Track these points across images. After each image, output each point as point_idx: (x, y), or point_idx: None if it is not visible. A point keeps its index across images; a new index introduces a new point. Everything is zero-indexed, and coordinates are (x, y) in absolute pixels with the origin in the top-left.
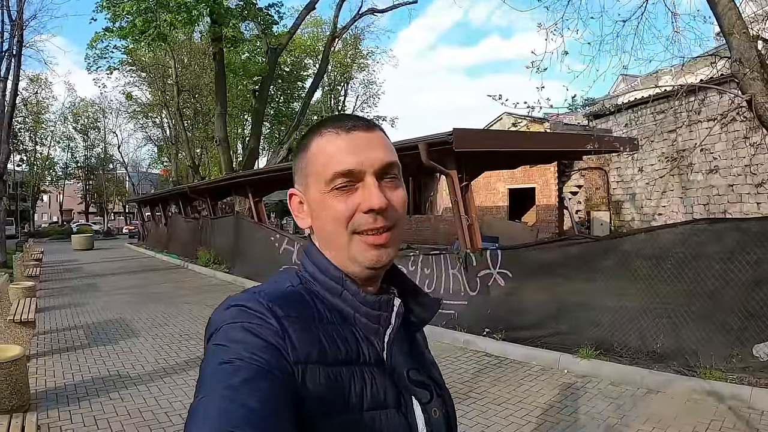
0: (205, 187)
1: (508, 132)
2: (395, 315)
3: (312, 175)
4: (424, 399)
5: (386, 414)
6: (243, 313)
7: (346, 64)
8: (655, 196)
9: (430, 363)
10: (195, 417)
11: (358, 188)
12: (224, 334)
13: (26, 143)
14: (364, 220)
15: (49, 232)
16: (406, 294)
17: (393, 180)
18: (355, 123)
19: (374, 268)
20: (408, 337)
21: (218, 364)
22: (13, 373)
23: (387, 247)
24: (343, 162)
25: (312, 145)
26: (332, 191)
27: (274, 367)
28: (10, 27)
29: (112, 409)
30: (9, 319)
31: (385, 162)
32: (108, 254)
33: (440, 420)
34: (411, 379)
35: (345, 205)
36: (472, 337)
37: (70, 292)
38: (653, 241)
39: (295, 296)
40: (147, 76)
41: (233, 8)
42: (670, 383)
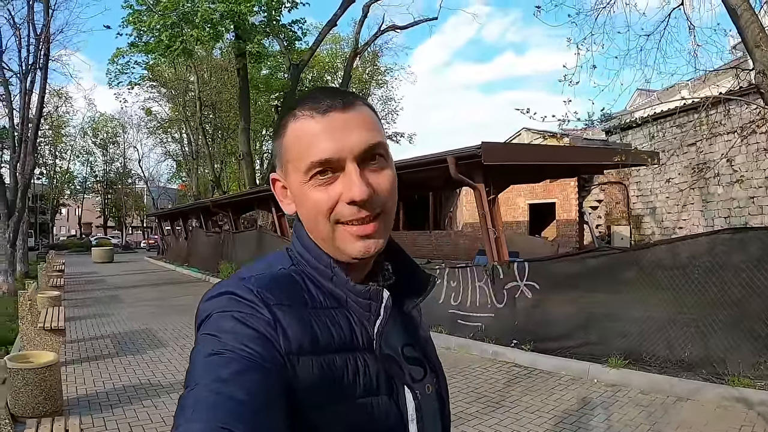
0: (228, 201)
1: (534, 145)
2: (384, 308)
3: (290, 163)
4: (417, 376)
5: (378, 401)
6: (233, 301)
7: (365, 80)
8: (675, 209)
9: (425, 340)
10: (184, 410)
11: (339, 176)
12: (214, 324)
13: (46, 156)
14: (348, 211)
15: (68, 245)
16: (401, 268)
17: (378, 161)
18: (331, 102)
19: (362, 259)
20: (403, 313)
21: (208, 355)
22: (47, 378)
23: (376, 236)
24: (319, 150)
25: (287, 130)
26: (311, 180)
27: (264, 359)
28: (36, 41)
29: (146, 416)
30: (39, 326)
31: (366, 145)
32: (128, 267)
33: (432, 395)
34: (405, 355)
35: (326, 195)
36: (500, 348)
37: (94, 303)
38: (678, 251)
39: (286, 280)
40: (167, 92)
41: (257, 24)
42: (699, 391)
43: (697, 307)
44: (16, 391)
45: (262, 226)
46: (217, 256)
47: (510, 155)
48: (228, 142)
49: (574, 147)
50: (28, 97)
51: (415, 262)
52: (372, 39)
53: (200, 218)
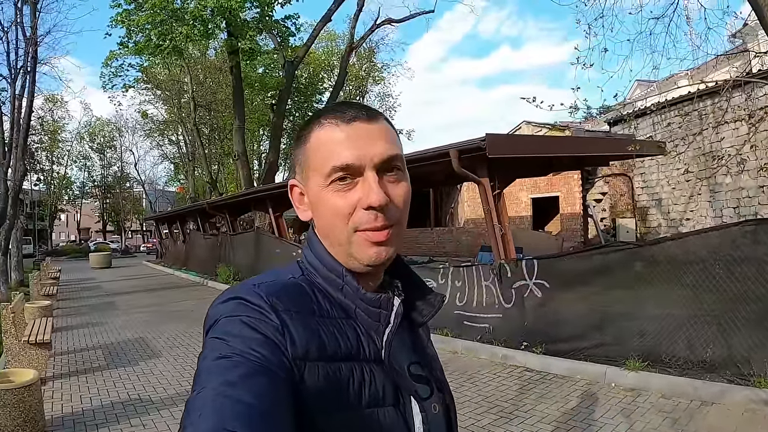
0: (224, 203)
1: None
2: (394, 315)
3: (311, 169)
4: (424, 394)
5: (384, 412)
6: (242, 306)
7: (361, 77)
8: (682, 200)
9: (432, 357)
10: (191, 412)
11: (358, 183)
12: (222, 328)
13: (43, 163)
14: (365, 218)
15: (66, 250)
16: (409, 287)
17: (396, 174)
18: (356, 113)
19: (373, 266)
20: (410, 331)
21: (216, 359)
22: (26, 399)
23: (387, 244)
24: (342, 156)
25: (311, 136)
26: (331, 185)
27: (272, 364)
28: (24, 44)
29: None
30: (24, 340)
31: (386, 155)
32: (126, 272)
33: (440, 415)
34: (412, 373)
35: (344, 200)
36: (510, 352)
37: (89, 310)
38: (697, 244)
39: (295, 289)
40: (162, 94)
41: (250, 20)
42: (724, 394)
43: (717, 304)
44: None
45: (259, 228)
46: (215, 259)
47: (515, 147)
48: (225, 142)
49: (580, 138)
50: (17, 101)
51: (423, 281)
52: (368, 33)
53: (197, 221)
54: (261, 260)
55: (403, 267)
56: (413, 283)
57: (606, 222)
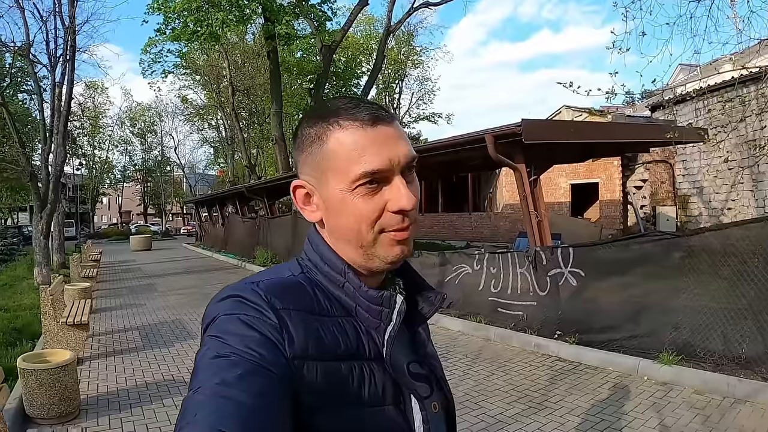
0: (262, 187)
1: (579, 122)
2: (397, 312)
3: (332, 171)
4: (424, 393)
5: (384, 410)
6: (240, 304)
7: (400, 61)
8: (724, 189)
9: (431, 356)
10: (187, 412)
11: (384, 187)
12: (220, 326)
13: (85, 148)
14: (394, 221)
15: (108, 233)
16: (410, 285)
17: (412, 173)
18: (377, 114)
19: (394, 263)
20: (410, 330)
21: (213, 357)
22: (61, 379)
23: (407, 242)
24: (372, 161)
25: (330, 137)
26: (356, 189)
27: (270, 363)
28: (63, 32)
29: (165, 417)
30: (62, 321)
31: (411, 157)
32: (166, 254)
33: (440, 414)
34: (411, 372)
35: (372, 204)
36: (543, 341)
37: (128, 292)
38: (735, 236)
39: (294, 286)
40: (201, 79)
41: (286, 5)
42: (758, 392)
43: (755, 298)
44: (30, 392)
45: (296, 211)
46: (253, 242)
47: (552, 133)
48: (263, 127)
49: (619, 124)
50: (57, 89)
51: (424, 279)
52: (405, 16)
53: (236, 204)
54: (298, 243)
55: (404, 264)
56: (414, 281)
57: (646, 210)
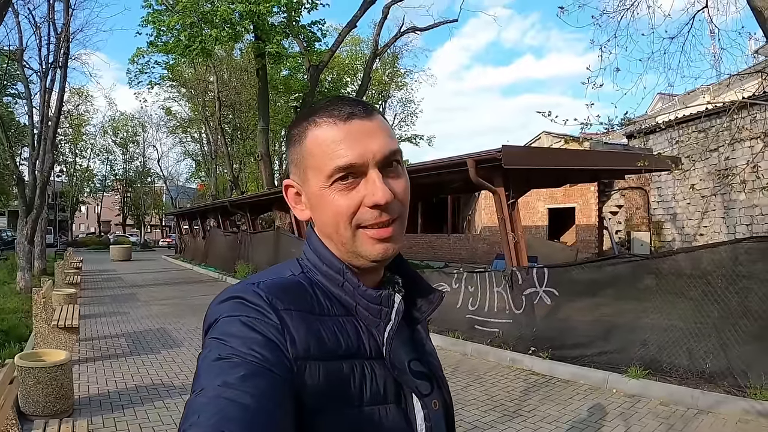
0: (245, 202)
1: (556, 149)
2: (395, 312)
3: (310, 169)
4: (425, 390)
5: (386, 409)
6: (241, 305)
7: (384, 82)
8: (696, 215)
9: (430, 354)
10: (190, 414)
11: (361, 181)
12: (222, 328)
13: (66, 155)
14: (369, 215)
15: (87, 242)
16: (408, 284)
17: (395, 168)
18: (352, 110)
19: (379, 261)
20: (409, 328)
21: (215, 359)
22: (58, 377)
23: (392, 240)
24: (344, 155)
25: (307, 136)
26: (333, 185)
27: (272, 364)
28: (56, 40)
29: (156, 418)
30: (53, 324)
31: (388, 151)
32: (146, 265)
33: (440, 412)
34: (413, 370)
35: (348, 200)
36: (518, 356)
37: (111, 301)
38: (701, 259)
39: (295, 287)
40: (187, 92)
41: (277, 25)
42: (720, 404)
43: (719, 318)
44: (27, 390)
45: (279, 227)
46: (234, 256)
47: (530, 159)
48: (247, 142)
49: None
50: (47, 95)
51: (422, 278)
52: (392, 40)
53: (218, 218)
54: (280, 259)
55: (403, 263)
56: (413, 280)
57: (621, 235)
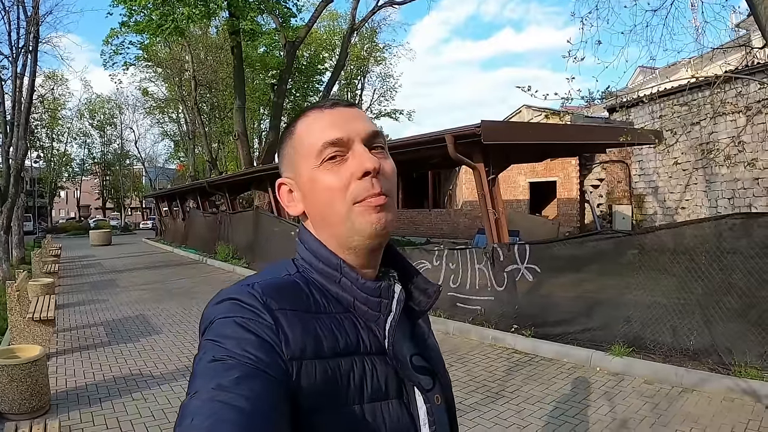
0: (223, 182)
1: (536, 124)
2: (396, 302)
3: (300, 156)
4: (427, 385)
5: (388, 405)
6: (236, 306)
7: (363, 57)
8: (678, 189)
9: (433, 348)
10: (185, 417)
11: (348, 157)
12: (217, 330)
13: (43, 140)
14: (362, 188)
15: (66, 227)
16: (406, 278)
17: (381, 151)
18: (335, 101)
19: (376, 236)
20: (410, 322)
21: (210, 361)
22: (32, 374)
23: (386, 210)
24: (331, 133)
25: (297, 127)
26: (323, 164)
27: (266, 365)
28: (26, 23)
29: (135, 410)
30: (28, 317)
31: (371, 130)
32: (126, 249)
33: (442, 406)
34: (414, 365)
35: (338, 176)
36: (500, 334)
37: (89, 288)
38: (685, 235)
39: (290, 286)
40: (163, 72)
41: (251, 1)
42: (705, 381)
43: (702, 294)
44: (1, 388)
45: (258, 207)
46: (214, 237)
47: (510, 134)
48: (225, 121)
49: (576, 125)
50: (19, 80)
51: (418, 271)
52: (369, 15)
53: (197, 199)
54: (260, 239)
55: (398, 257)
56: (409, 274)
57: (602, 208)
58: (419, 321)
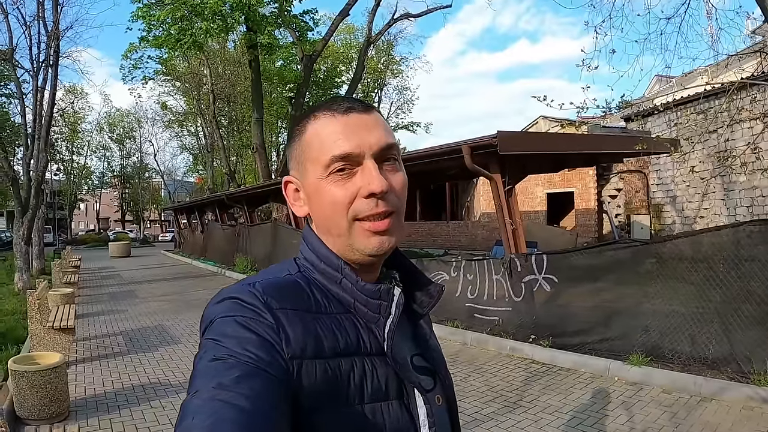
0: (242, 195)
1: (552, 134)
2: (395, 305)
3: (308, 161)
4: (427, 386)
5: (388, 406)
6: (237, 305)
7: (380, 70)
8: (696, 198)
9: (434, 349)
10: (185, 416)
11: (357, 172)
12: (217, 329)
13: (63, 153)
14: (365, 206)
15: (86, 239)
16: (408, 279)
17: (393, 163)
18: (351, 104)
19: (375, 256)
20: (411, 323)
21: (210, 360)
22: (52, 380)
23: (389, 234)
24: (341, 145)
25: (307, 129)
26: (330, 176)
27: (267, 364)
28: (47, 38)
29: (153, 418)
30: (48, 325)
31: (384, 144)
32: (145, 261)
33: (443, 407)
34: (415, 365)
35: (344, 190)
36: (518, 344)
37: (109, 299)
38: (702, 243)
39: (291, 286)
40: (181, 86)
41: (268, 15)
42: (724, 390)
43: (721, 302)
44: (21, 394)
45: (276, 219)
46: (232, 249)
47: (527, 144)
48: (243, 134)
49: (592, 135)
50: (40, 94)
51: (421, 272)
52: (385, 28)
53: (216, 211)
54: (278, 251)
55: (400, 258)
56: (411, 274)
57: (620, 218)
58: (421, 321)
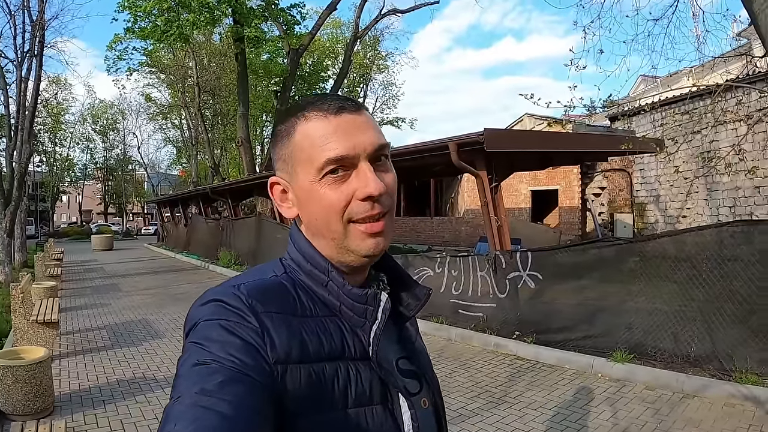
0: (226, 188)
1: (538, 132)
2: (381, 311)
3: (299, 163)
4: (413, 389)
5: (372, 411)
6: (221, 309)
7: (366, 65)
8: (679, 197)
9: (420, 351)
10: (167, 422)
11: (351, 174)
12: (201, 332)
13: (46, 144)
14: (362, 209)
15: (68, 232)
16: (395, 281)
17: (384, 162)
18: (341, 104)
19: (370, 257)
20: (397, 325)
21: (193, 365)
22: (37, 375)
23: (383, 235)
24: (335, 148)
25: (297, 130)
26: (324, 179)
27: (251, 369)
28: (31, 27)
29: (138, 413)
30: (32, 319)
31: (377, 145)
32: (128, 255)
33: (429, 410)
34: (400, 369)
35: (338, 193)
36: (502, 340)
37: (92, 292)
38: (686, 243)
39: (277, 288)
40: (166, 78)
41: (255, 8)
42: (706, 387)
43: (704, 301)
44: (6, 389)
45: (261, 213)
46: (216, 243)
47: (513, 142)
48: (228, 128)
49: (578, 134)
50: (24, 84)
51: (409, 274)
52: (372, 23)
53: (199, 205)
54: (262, 245)
55: (388, 259)
56: (399, 276)
57: (604, 216)
58: (407, 324)
